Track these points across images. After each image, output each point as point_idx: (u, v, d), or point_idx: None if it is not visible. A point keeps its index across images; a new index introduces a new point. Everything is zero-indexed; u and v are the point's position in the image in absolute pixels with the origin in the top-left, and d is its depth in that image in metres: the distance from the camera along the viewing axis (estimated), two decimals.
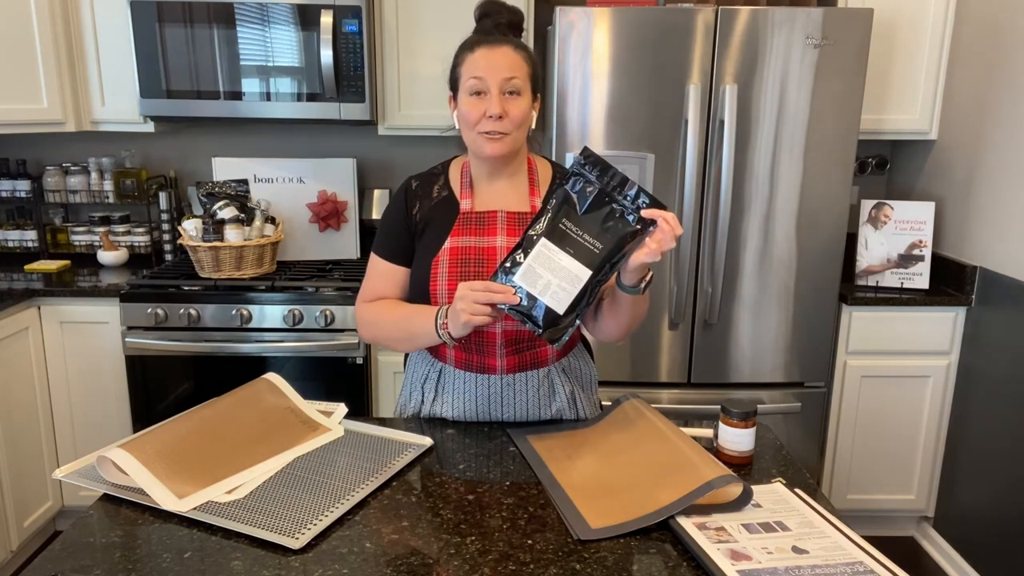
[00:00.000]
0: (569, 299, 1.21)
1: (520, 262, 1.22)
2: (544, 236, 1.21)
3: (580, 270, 1.21)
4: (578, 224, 1.21)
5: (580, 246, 1.21)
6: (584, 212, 1.21)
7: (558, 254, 1.21)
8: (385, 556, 1.01)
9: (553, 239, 1.21)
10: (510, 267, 1.22)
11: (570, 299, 1.21)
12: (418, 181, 1.48)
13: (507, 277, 1.22)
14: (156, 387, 2.47)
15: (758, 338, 2.44)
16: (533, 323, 1.22)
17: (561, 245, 1.21)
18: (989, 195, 2.44)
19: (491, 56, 1.33)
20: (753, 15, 2.23)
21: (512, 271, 1.22)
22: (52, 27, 2.50)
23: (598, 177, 1.22)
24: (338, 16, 2.45)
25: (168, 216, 2.83)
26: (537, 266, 1.21)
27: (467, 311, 1.22)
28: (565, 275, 1.21)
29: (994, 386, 2.39)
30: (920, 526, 2.77)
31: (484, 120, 1.33)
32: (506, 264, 1.23)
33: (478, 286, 1.22)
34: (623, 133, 2.30)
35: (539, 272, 1.21)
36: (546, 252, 1.21)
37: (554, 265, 1.21)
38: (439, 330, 1.31)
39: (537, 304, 1.21)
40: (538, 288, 1.21)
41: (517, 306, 1.22)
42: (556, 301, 1.21)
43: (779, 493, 1.17)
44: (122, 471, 1.15)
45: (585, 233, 1.21)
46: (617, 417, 1.37)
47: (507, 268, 1.23)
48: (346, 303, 2.41)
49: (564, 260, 1.21)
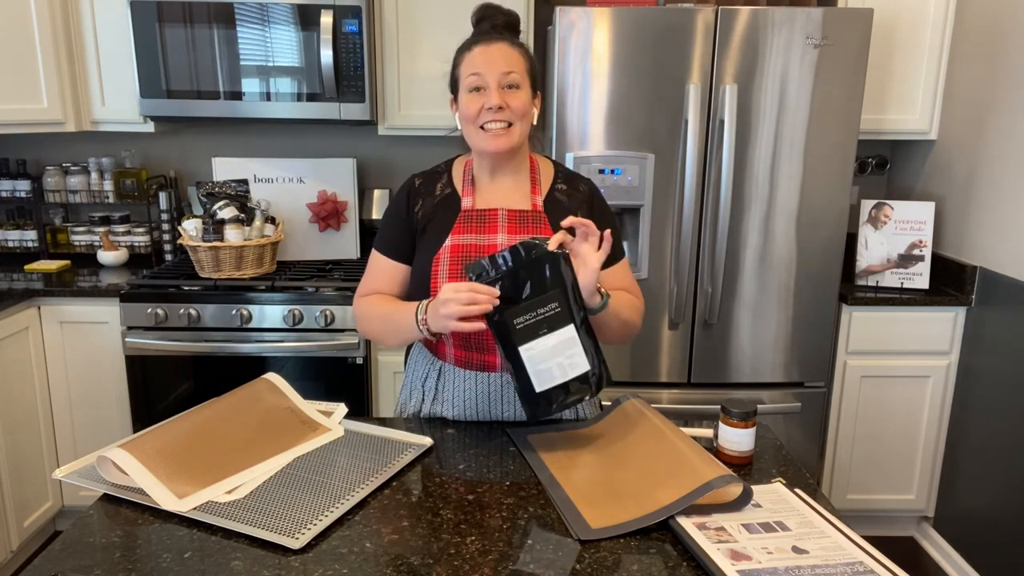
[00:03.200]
0: (582, 356, 1.26)
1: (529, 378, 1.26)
2: (518, 345, 1.25)
3: (563, 333, 1.25)
4: (527, 310, 1.24)
5: (544, 321, 1.24)
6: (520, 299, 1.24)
7: (541, 343, 1.25)
8: (385, 556, 1.01)
9: (524, 341, 1.25)
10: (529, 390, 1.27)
11: (582, 355, 1.26)
12: (421, 179, 1.48)
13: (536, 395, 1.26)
14: (156, 387, 2.47)
15: (758, 338, 2.44)
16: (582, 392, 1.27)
17: (534, 337, 1.24)
18: (989, 195, 2.44)
19: (488, 52, 1.35)
20: (753, 15, 2.23)
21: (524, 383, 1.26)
22: (52, 27, 2.50)
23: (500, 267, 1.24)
24: (338, 16, 2.45)
25: (168, 216, 2.83)
26: (539, 366, 1.25)
27: (452, 317, 1.22)
28: (560, 348, 1.25)
29: (994, 386, 2.39)
30: (920, 526, 2.77)
31: (484, 112, 1.34)
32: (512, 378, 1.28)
33: (463, 287, 1.22)
34: (623, 133, 2.30)
35: (543, 367, 1.25)
36: (530, 353, 1.25)
37: (546, 352, 1.25)
38: (419, 325, 1.31)
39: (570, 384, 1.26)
40: (558, 377, 1.26)
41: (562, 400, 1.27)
42: (576, 368, 1.26)
43: (779, 493, 1.17)
44: (122, 471, 1.15)
45: (537, 308, 1.24)
46: (617, 417, 1.37)
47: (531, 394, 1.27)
48: (346, 303, 2.41)
49: (549, 341, 1.25)
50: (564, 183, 1.48)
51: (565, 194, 1.46)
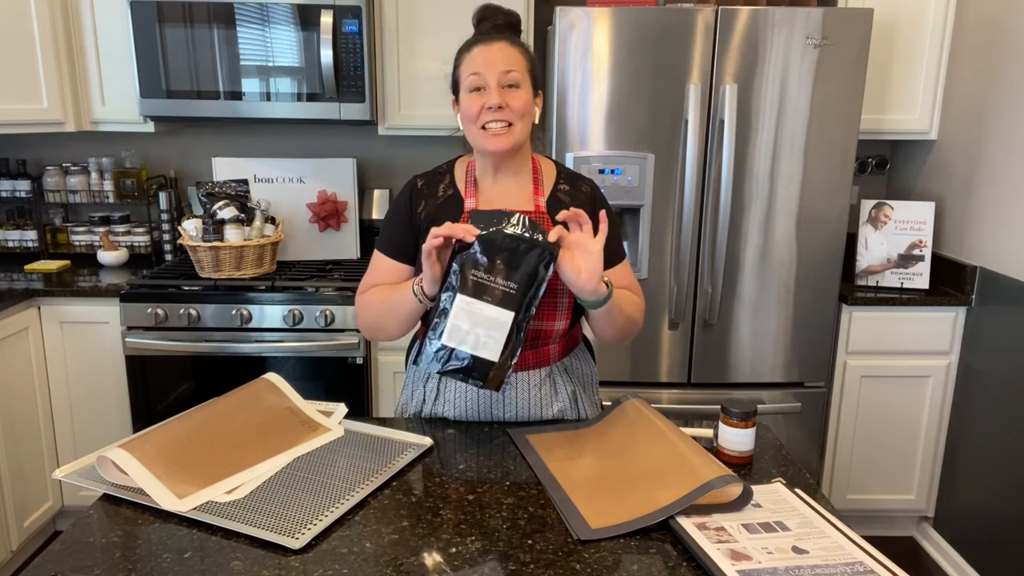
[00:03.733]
0: (499, 345, 1.24)
1: (443, 324, 1.24)
2: (459, 292, 1.24)
3: (502, 314, 1.24)
4: (489, 272, 1.24)
5: (495, 292, 1.24)
6: (490, 260, 1.24)
7: (477, 305, 1.24)
8: (385, 556, 1.01)
9: (467, 292, 1.24)
10: (434, 331, 1.25)
11: (500, 344, 1.24)
12: (424, 180, 1.48)
13: (434, 340, 1.25)
14: (156, 387, 2.47)
15: (758, 338, 2.45)
16: (472, 377, 1.26)
17: (478, 296, 1.24)
18: (989, 195, 2.44)
19: (487, 52, 1.35)
20: (753, 15, 2.23)
21: (438, 333, 1.25)
22: (52, 27, 2.50)
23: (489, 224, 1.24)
24: (338, 16, 2.45)
25: (168, 216, 2.83)
26: (460, 322, 1.24)
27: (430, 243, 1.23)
28: (490, 324, 1.24)
29: (994, 386, 2.39)
30: (920, 526, 2.77)
31: (484, 112, 1.34)
32: (430, 331, 1.26)
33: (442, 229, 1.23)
34: (623, 133, 2.30)
35: (463, 328, 1.24)
36: (465, 307, 1.24)
37: (476, 317, 1.24)
38: (414, 287, 1.32)
39: (470, 357, 1.24)
40: (468, 344, 1.24)
41: (451, 366, 1.25)
42: (487, 350, 1.24)
43: (779, 493, 1.17)
44: (122, 471, 1.15)
45: (497, 278, 1.24)
46: (617, 417, 1.37)
47: (432, 333, 1.25)
48: (346, 303, 2.41)
49: (486, 310, 1.24)
50: (566, 183, 1.48)
51: (567, 195, 1.46)
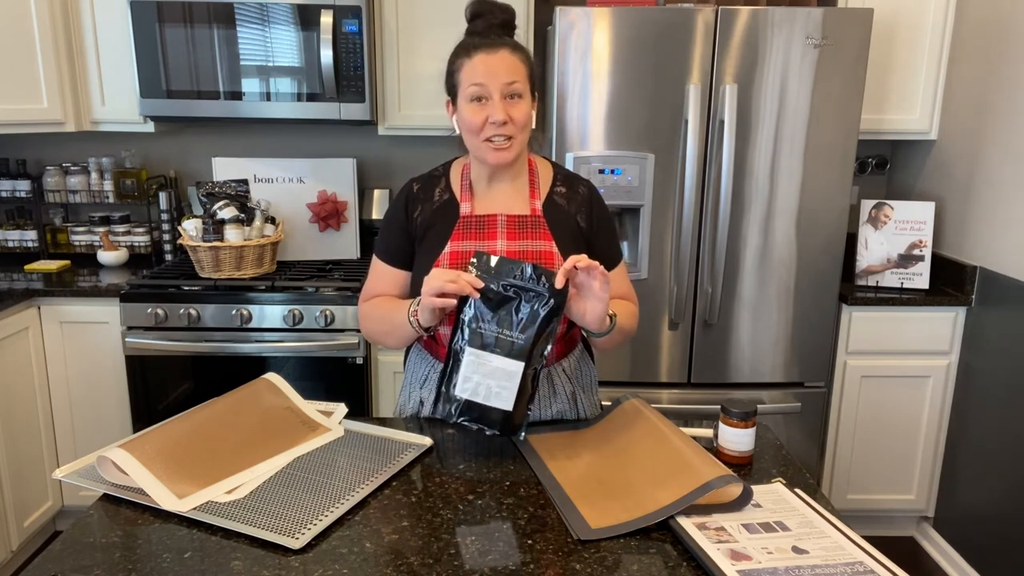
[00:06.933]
0: (511, 395, 1.25)
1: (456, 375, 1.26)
2: (468, 345, 1.25)
3: (512, 365, 1.25)
4: (498, 324, 1.25)
5: (504, 343, 1.25)
6: (498, 313, 1.25)
7: (487, 357, 1.25)
8: (385, 556, 1.01)
9: (476, 345, 1.25)
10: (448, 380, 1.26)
11: (512, 394, 1.25)
12: (419, 184, 1.47)
13: (449, 393, 1.26)
14: (156, 387, 2.47)
15: (758, 338, 2.44)
16: (487, 426, 1.27)
17: (487, 348, 1.25)
18: (989, 195, 2.44)
19: (490, 61, 1.32)
20: (753, 15, 2.23)
21: (452, 384, 1.26)
22: (52, 27, 2.50)
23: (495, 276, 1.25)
24: (338, 16, 2.45)
25: (168, 216, 2.83)
26: (471, 374, 1.25)
27: (431, 292, 1.23)
28: (501, 375, 1.25)
29: (994, 386, 2.39)
30: (920, 526, 2.77)
31: (488, 126, 1.32)
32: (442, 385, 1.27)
33: (453, 272, 1.23)
34: (623, 133, 2.30)
35: (474, 379, 1.25)
36: (475, 359, 1.25)
37: (486, 369, 1.25)
38: (410, 317, 1.32)
39: (483, 408, 1.25)
40: (480, 395, 1.25)
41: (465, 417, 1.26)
42: (500, 400, 1.25)
43: (779, 493, 1.17)
44: (122, 471, 1.15)
45: (505, 329, 1.25)
46: (617, 417, 1.37)
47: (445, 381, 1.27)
48: (346, 303, 2.41)
49: (495, 361, 1.25)
50: (563, 185, 1.47)
51: (564, 197, 1.46)
